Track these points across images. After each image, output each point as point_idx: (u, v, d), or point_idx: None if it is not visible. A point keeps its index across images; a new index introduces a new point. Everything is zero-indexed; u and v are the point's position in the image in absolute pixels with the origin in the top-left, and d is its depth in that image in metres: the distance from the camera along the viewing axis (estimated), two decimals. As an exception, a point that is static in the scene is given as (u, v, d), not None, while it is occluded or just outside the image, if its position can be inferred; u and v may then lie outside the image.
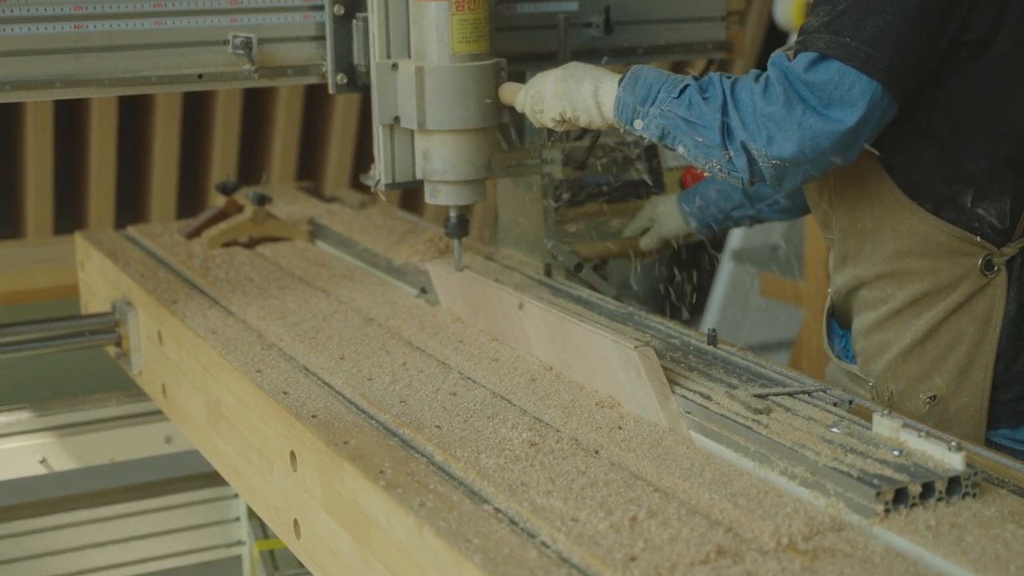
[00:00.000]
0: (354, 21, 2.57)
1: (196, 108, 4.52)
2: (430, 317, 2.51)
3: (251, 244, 3.08)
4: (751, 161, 2.08)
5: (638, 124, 2.19)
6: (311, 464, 1.98)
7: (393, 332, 2.44)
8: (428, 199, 2.50)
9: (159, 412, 2.90)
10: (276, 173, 4.60)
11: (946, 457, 1.72)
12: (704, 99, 2.11)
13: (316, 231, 3.16)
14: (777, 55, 2.11)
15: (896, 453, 1.74)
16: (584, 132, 2.62)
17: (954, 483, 1.70)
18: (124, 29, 2.47)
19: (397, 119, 2.46)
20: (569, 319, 2.15)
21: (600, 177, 2.85)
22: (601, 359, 2.07)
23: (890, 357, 2.23)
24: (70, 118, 4.38)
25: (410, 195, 4.80)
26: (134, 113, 4.46)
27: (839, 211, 2.25)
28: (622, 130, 2.23)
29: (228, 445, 2.32)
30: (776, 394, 2.00)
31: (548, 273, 2.70)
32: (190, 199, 4.64)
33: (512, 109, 2.45)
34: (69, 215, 4.51)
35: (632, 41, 2.83)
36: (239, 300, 2.64)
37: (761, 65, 2.14)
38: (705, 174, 2.16)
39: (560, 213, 2.81)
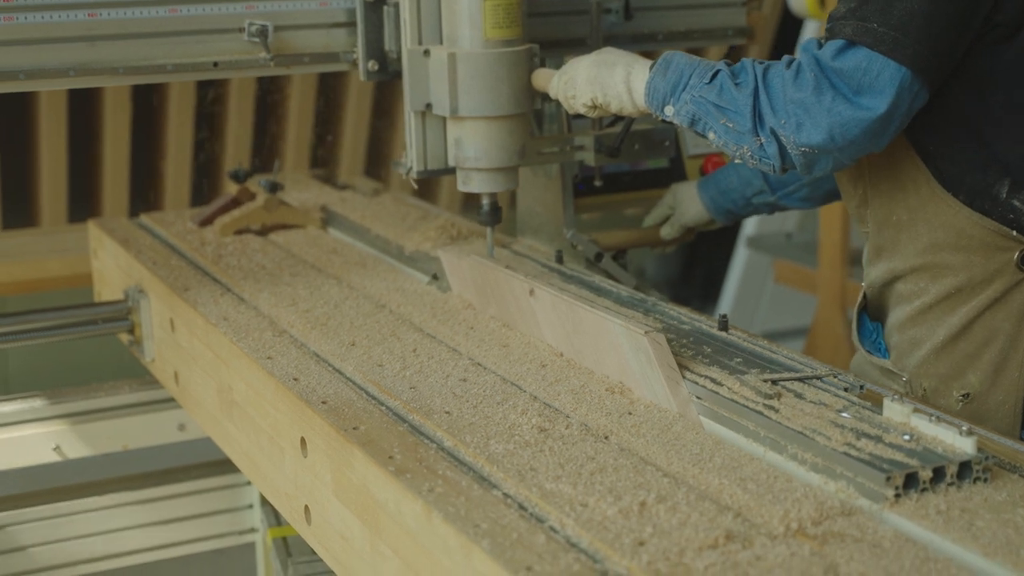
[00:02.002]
0: (385, 7, 2.56)
1: (210, 96, 4.53)
2: (441, 304, 2.51)
3: (263, 231, 3.08)
4: (782, 148, 2.06)
5: (669, 110, 2.18)
6: (321, 450, 1.98)
7: (404, 319, 2.44)
8: (460, 186, 2.50)
9: (172, 399, 2.90)
10: (289, 161, 4.60)
11: (957, 442, 1.72)
12: (736, 85, 2.09)
13: (328, 218, 3.16)
14: (808, 41, 2.09)
15: (907, 438, 1.74)
16: (617, 118, 2.60)
17: (965, 468, 1.69)
18: (138, 17, 2.46)
19: (429, 106, 2.46)
20: (579, 305, 2.14)
21: (619, 165, 2.81)
22: (611, 345, 2.07)
23: (923, 353, 2.19)
24: (84, 107, 4.38)
25: (422, 182, 4.79)
26: (148, 101, 4.46)
27: (874, 203, 2.22)
28: (654, 116, 2.23)
29: (239, 432, 2.32)
30: (786, 379, 1.99)
31: (559, 259, 2.70)
32: (204, 187, 4.64)
33: (546, 95, 2.44)
34: (83, 204, 4.51)
35: (652, 27, 2.81)
36: (251, 287, 2.64)
37: (775, 53, 2.13)
38: (735, 160, 2.14)
39: (578, 202, 2.78)
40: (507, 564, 1.52)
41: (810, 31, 5.13)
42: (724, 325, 2.24)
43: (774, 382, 1.97)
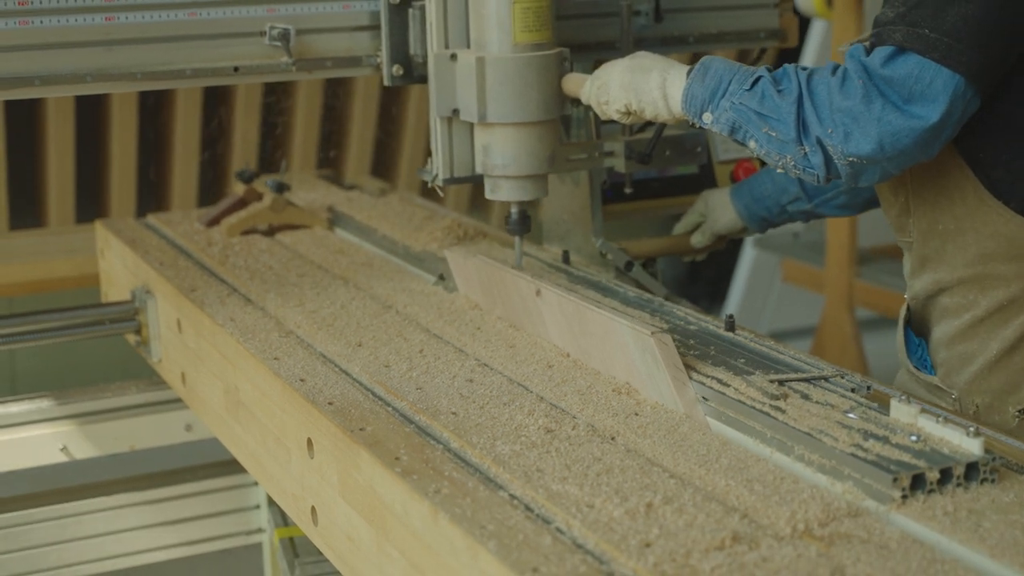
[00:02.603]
0: (410, 10, 2.50)
1: (217, 96, 4.53)
2: (448, 304, 2.50)
3: (270, 232, 3.08)
4: (827, 158, 1.99)
5: (707, 117, 2.10)
6: (328, 451, 1.98)
7: (410, 319, 2.44)
8: (488, 195, 2.43)
9: (179, 400, 2.90)
10: (296, 161, 4.60)
11: (964, 443, 1.71)
12: (778, 92, 2.02)
13: (335, 219, 3.16)
14: (855, 46, 2.02)
15: (914, 438, 1.73)
16: (646, 124, 2.55)
17: (972, 469, 1.69)
18: (157, 20, 2.41)
19: (456, 112, 2.40)
20: (586, 305, 2.14)
21: (648, 171, 2.71)
22: (618, 345, 2.07)
23: (975, 368, 2.13)
24: (91, 107, 4.39)
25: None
26: (155, 102, 4.47)
27: (917, 212, 2.15)
28: (690, 123, 2.15)
29: (246, 432, 2.32)
30: (793, 380, 1.99)
31: (566, 260, 2.69)
32: (211, 188, 4.64)
33: (576, 101, 2.37)
34: (90, 204, 4.52)
35: (682, 30, 2.74)
36: (257, 288, 2.64)
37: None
38: (777, 169, 2.07)
39: (606, 208, 2.71)
40: (513, 565, 1.52)
41: (817, 31, 5.13)
42: (731, 325, 2.24)
43: (781, 383, 1.97)
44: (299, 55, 2.48)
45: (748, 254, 5.46)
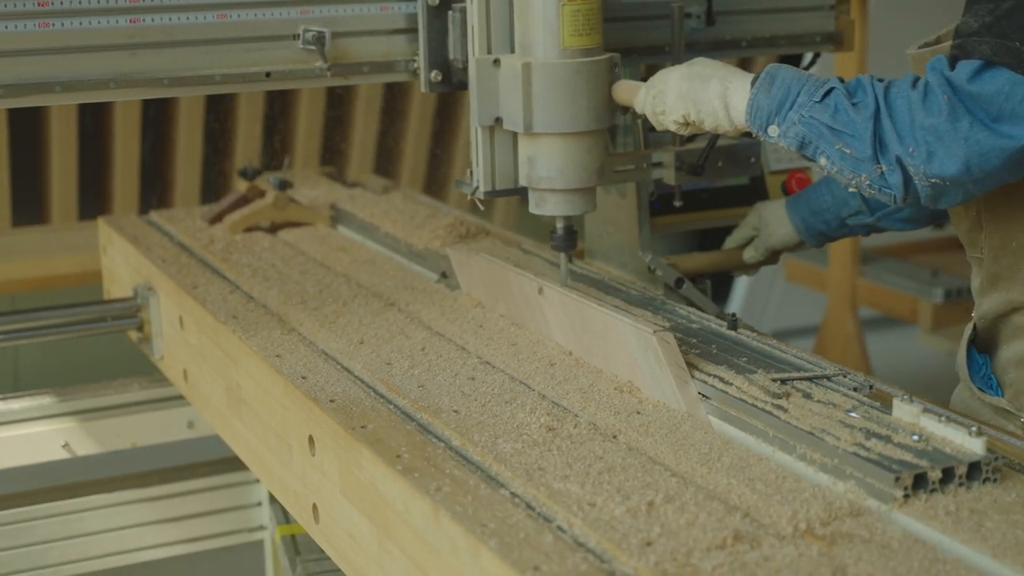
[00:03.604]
0: (450, 12, 2.35)
1: (221, 94, 4.53)
2: (450, 302, 2.50)
3: (273, 229, 3.08)
4: (907, 178, 1.88)
5: (773, 130, 1.97)
6: (329, 449, 1.98)
7: (413, 317, 2.44)
8: (533, 209, 2.29)
9: (181, 397, 2.90)
10: (299, 159, 4.60)
11: (966, 442, 1.71)
12: (853, 105, 1.90)
13: (338, 216, 3.16)
14: (937, 59, 1.90)
15: (916, 438, 1.73)
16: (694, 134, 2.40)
17: (974, 468, 1.69)
18: (185, 23, 2.28)
19: (499, 120, 2.26)
20: (588, 304, 2.14)
21: (696, 182, 2.55)
22: (620, 344, 2.07)
23: None
24: (94, 104, 4.38)
25: (433, 180, 4.80)
26: (159, 99, 4.46)
27: (989, 227, 2.07)
28: (754, 136, 2.03)
29: (248, 430, 2.32)
30: (795, 379, 1.98)
31: (569, 259, 2.68)
32: (213, 185, 4.64)
33: (626, 109, 2.25)
34: (93, 201, 4.52)
35: (734, 33, 2.59)
36: (260, 285, 2.64)
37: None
38: (849, 188, 1.97)
39: (653, 221, 2.58)
40: (514, 564, 1.52)
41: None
42: (733, 324, 2.24)
43: (783, 381, 1.97)
44: (334, 59, 2.36)
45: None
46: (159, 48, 2.28)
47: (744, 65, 2.64)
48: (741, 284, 5.47)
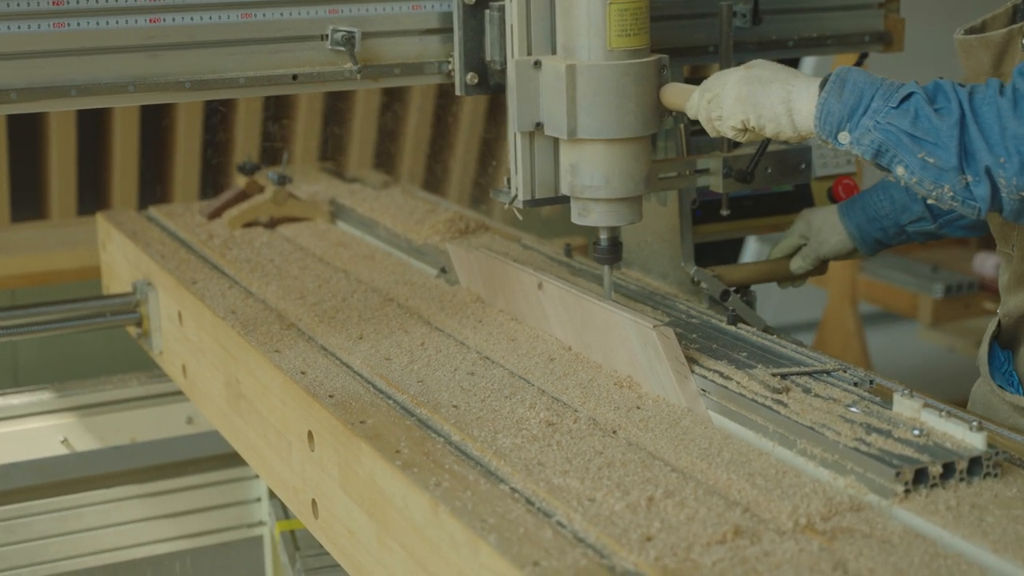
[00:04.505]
0: (487, 11, 2.25)
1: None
2: (449, 297, 2.50)
3: (272, 224, 3.08)
4: (995, 189, 1.77)
5: (844, 137, 1.86)
6: (328, 444, 1.97)
7: (412, 312, 2.43)
8: (576, 219, 2.17)
9: (180, 392, 2.90)
10: (299, 154, 4.60)
11: (967, 437, 1.71)
12: (935, 111, 1.79)
13: (337, 211, 3.15)
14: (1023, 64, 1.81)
15: (916, 433, 1.73)
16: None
17: (975, 463, 1.69)
18: (207, 23, 2.17)
19: (539, 126, 2.14)
20: (588, 299, 2.14)
21: (740, 189, 2.43)
22: (620, 339, 2.06)
23: None
24: (93, 99, 4.38)
25: (432, 175, 4.80)
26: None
27: (1022, 225, 2.00)
28: (821, 143, 1.92)
29: (247, 425, 2.32)
30: (795, 374, 1.98)
31: (568, 254, 2.69)
32: (212, 180, 4.64)
33: (678, 115, 2.17)
34: (92, 197, 4.51)
35: (781, 33, 2.49)
36: (259, 280, 2.63)
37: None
38: (928, 200, 1.86)
39: (695, 229, 2.47)
40: (514, 559, 1.52)
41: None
42: (733, 319, 2.23)
43: (783, 376, 1.97)
44: (364, 61, 2.25)
45: (751, 247, 5.44)
46: (180, 49, 2.18)
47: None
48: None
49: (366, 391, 2.06)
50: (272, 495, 3.06)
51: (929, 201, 1.87)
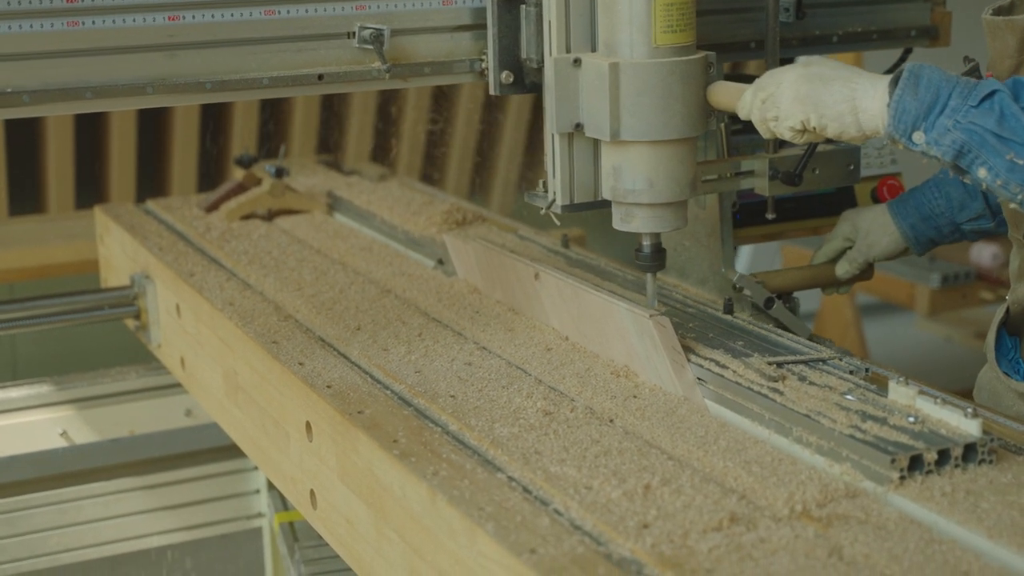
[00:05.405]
0: (523, 7, 2.14)
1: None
2: (447, 288, 2.50)
3: (269, 217, 3.08)
4: None
5: (918, 137, 1.75)
6: (326, 434, 1.98)
7: (409, 303, 2.44)
8: (619, 225, 2.06)
9: (178, 385, 2.90)
10: (296, 146, 4.60)
11: (962, 424, 1.71)
12: (1023, 110, 1.71)
13: (334, 204, 3.16)
14: None
15: (911, 420, 1.73)
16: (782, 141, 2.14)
17: (970, 450, 1.69)
18: (228, 20, 2.08)
19: (579, 127, 2.02)
20: (585, 289, 2.14)
21: (784, 191, 2.31)
22: (616, 328, 2.07)
23: None
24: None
25: (429, 167, 4.80)
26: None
27: None
28: (890, 144, 1.82)
29: (245, 416, 2.33)
30: (791, 362, 1.99)
31: (565, 244, 2.69)
32: (210, 173, 4.64)
33: (729, 116, 2.07)
34: (90, 190, 4.51)
35: (825, 28, 2.42)
36: (256, 272, 2.64)
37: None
38: (1012, 204, 1.76)
39: (735, 233, 2.39)
40: (511, 547, 1.52)
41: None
42: (729, 308, 2.24)
43: (779, 365, 1.97)
44: (392, 59, 2.16)
45: (743, 251, 5.45)
46: (200, 48, 2.09)
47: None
48: (738, 269, 5.46)
49: (364, 381, 2.06)
50: (271, 486, 3.06)
51: (1012, 205, 1.79)
